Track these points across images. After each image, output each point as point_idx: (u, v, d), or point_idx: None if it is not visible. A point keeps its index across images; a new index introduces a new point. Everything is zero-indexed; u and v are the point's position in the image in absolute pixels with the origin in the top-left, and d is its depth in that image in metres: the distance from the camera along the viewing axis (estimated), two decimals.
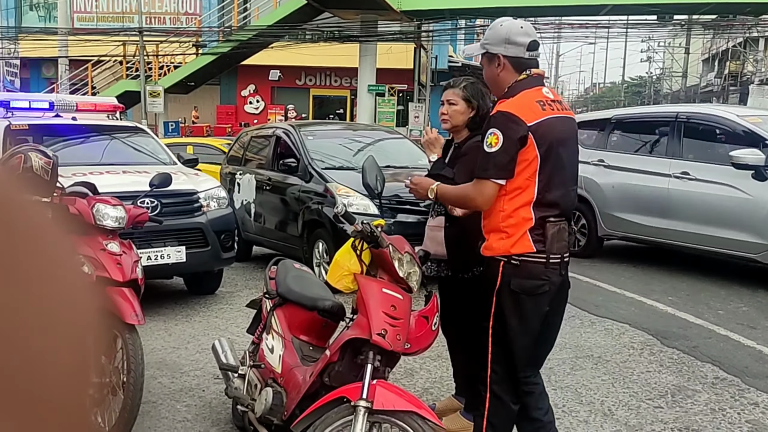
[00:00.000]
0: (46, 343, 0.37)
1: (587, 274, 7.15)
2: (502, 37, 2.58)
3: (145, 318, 3.25)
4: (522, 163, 2.46)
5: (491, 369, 2.61)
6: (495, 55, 2.59)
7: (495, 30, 2.62)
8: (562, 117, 2.58)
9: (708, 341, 5.01)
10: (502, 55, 2.57)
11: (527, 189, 2.48)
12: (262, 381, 3.06)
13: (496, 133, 2.45)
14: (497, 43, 2.59)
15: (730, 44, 39.84)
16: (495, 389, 2.62)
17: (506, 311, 2.54)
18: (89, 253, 3.22)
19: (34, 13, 25.38)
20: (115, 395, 3.16)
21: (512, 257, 2.49)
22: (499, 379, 2.62)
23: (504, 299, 2.53)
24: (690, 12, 18.85)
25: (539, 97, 2.55)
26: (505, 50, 2.57)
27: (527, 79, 2.57)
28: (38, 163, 3.18)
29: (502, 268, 2.51)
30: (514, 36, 2.56)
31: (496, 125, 2.46)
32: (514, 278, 2.50)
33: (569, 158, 2.59)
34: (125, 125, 7.18)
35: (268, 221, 7.13)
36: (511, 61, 2.57)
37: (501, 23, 2.63)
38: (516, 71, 2.58)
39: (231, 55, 18.70)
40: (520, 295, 2.51)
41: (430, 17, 18.04)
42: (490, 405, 2.64)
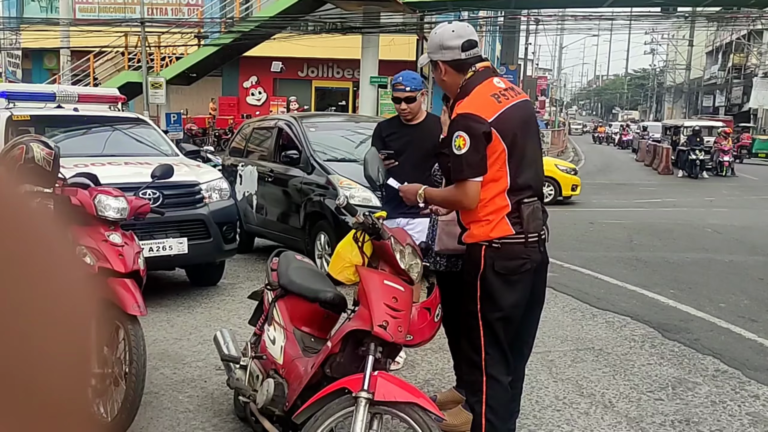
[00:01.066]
0: (46, 334, 0.37)
1: (588, 266, 7.15)
2: (437, 44, 2.73)
3: (147, 309, 3.26)
4: (491, 156, 2.57)
5: (485, 352, 2.65)
6: (437, 62, 2.73)
7: (431, 38, 2.79)
8: (518, 103, 2.67)
9: (709, 334, 5.01)
10: (441, 60, 2.72)
11: (501, 179, 2.59)
12: (264, 372, 3.07)
13: (462, 135, 2.55)
14: (435, 50, 2.75)
15: (734, 37, 39.65)
16: (491, 372, 2.67)
17: (493, 292, 2.61)
18: (91, 244, 3.23)
19: (35, 3, 25.32)
20: (118, 386, 3.17)
21: (493, 241, 2.59)
22: (495, 362, 2.67)
23: (490, 282, 2.60)
24: (694, 4, 18.76)
25: (493, 90, 2.64)
26: (442, 56, 2.71)
27: (475, 76, 2.66)
28: (40, 154, 3.18)
29: (484, 252, 2.59)
30: (447, 41, 2.69)
31: (460, 128, 2.56)
32: (497, 260, 2.59)
33: (531, 140, 2.71)
34: (127, 116, 7.17)
35: (270, 213, 7.13)
36: (451, 65, 2.70)
37: (436, 31, 2.77)
38: (459, 72, 2.69)
39: (233, 46, 18.64)
40: (506, 275, 2.61)
41: (433, 8, 17.96)
42: (488, 388, 2.67)
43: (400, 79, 4.05)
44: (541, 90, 44.05)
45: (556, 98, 65.33)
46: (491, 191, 2.58)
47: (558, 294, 6.04)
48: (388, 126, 4.29)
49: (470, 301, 2.65)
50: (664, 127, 28.71)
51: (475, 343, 2.66)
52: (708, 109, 46.17)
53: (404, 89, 4.02)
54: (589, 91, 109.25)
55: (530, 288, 2.70)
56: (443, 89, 2.88)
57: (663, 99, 62.98)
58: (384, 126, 4.33)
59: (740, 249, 8.45)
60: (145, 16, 18.74)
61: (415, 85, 4.04)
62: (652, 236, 9.29)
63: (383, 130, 4.24)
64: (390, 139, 4.14)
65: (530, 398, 3.79)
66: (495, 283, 2.60)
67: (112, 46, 19.57)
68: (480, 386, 2.67)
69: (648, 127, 34.34)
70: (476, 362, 2.67)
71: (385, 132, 4.22)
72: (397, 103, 4.08)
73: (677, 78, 54.64)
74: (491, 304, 2.62)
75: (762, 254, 8.12)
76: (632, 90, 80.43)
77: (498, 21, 22.89)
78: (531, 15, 23.27)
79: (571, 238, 8.89)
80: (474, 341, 2.67)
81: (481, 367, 2.65)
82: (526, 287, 2.68)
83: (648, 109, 70.05)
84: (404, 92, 4.03)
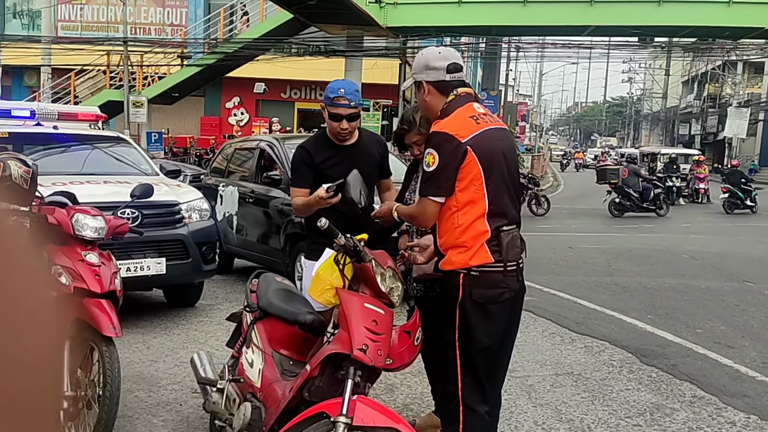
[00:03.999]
0: (16, 355, 0.36)
1: (568, 291, 7.19)
2: (423, 65, 2.72)
3: (123, 330, 3.20)
4: (466, 178, 2.55)
5: (461, 382, 2.62)
6: (420, 83, 2.74)
7: (417, 59, 2.78)
8: (496, 128, 2.69)
9: (686, 360, 5.05)
10: (425, 81, 2.72)
11: (478, 202, 2.57)
12: (241, 395, 3.03)
13: (432, 153, 2.55)
14: (420, 71, 2.74)
15: (710, 67, 40.58)
16: (467, 402, 2.63)
17: (471, 322, 2.58)
18: (67, 263, 3.18)
19: (17, 20, 25.20)
20: (90, 409, 3.11)
21: (471, 269, 2.56)
22: (471, 391, 2.63)
23: (467, 311, 2.57)
24: (670, 35, 19.22)
25: (472, 113, 2.65)
26: (426, 76, 2.71)
27: (456, 99, 2.68)
28: (17, 171, 3.14)
29: (462, 279, 2.56)
30: (433, 62, 2.70)
31: (432, 145, 2.58)
32: (475, 288, 2.56)
33: (510, 168, 2.70)
34: (107, 135, 7.12)
35: (251, 234, 7.09)
36: (435, 86, 2.70)
37: (422, 53, 2.80)
38: (442, 94, 2.71)
39: (216, 66, 18.68)
40: (484, 304, 2.58)
41: (416, 34, 18.19)
42: (464, 417, 2.63)
43: (341, 91, 3.20)
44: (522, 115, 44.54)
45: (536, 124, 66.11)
46: (470, 216, 2.56)
47: (537, 318, 6.06)
48: (318, 149, 3.36)
49: (448, 330, 2.62)
50: (642, 154, 29.17)
51: (451, 373, 2.63)
52: (684, 137, 47.03)
53: (348, 104, 3.21)
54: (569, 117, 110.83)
55: (508, 317, 2.68)
56: (424, 110, 2.89)
57: (640, 126, 64.08)
58: (313, 150, 3.36)
59: (716, 275, 8.56)
60: (128, 36, 18.73)
61: (359, 99, 3.29)
62: (630, 261, 9.38)
63: (314, 156, 3.33)
64: (326, 165, 3.30)
65: (509, 423, 3.78)
66: (473, 313, 2.57)
67: (94, 65, 19.51)
68: (456, 416, 2.63)
69: (626, 154, 34.86)
70: (452, 393, 2.65)
71: (318, 157, 3.32)
72: (337, 121, 3.23)
73: (654, 106, 55.69)
74: (469, 333, 2.59)
75: (737, 281, 8.23)
76: (610, 117, 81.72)
77: (479, 47, 23.22)
78: (512, 42, 23.65)
79: (550, 263, 8.95)
80: (450, 371, 2.64)
81: (458, 397, 2.62)
82: (504, 316, 2.66)
83: (626, 136, 71.18)
84: (348, 108, 3.21)
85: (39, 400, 0.37)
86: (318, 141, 3.44)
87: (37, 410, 0.37)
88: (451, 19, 16.93)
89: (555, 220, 15.00)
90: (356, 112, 3.27)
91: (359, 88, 3.40)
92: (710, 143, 42.09)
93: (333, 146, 3.35)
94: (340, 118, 3.24)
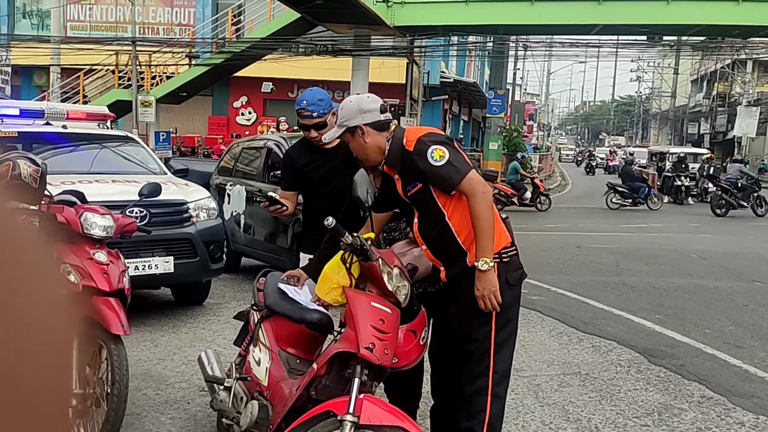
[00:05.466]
0: (26, 352, 0.36)
1: (576, 290, 7.17)
2: (356, 110, 2.79)
3: (131, 328, 3.22)
4: None
5: (494, 371, 2.68)
6: (355, 128, 2.78)
7: (346, 107, 2.82)
8: None
9: (695, 360, 5.02)
10: (362, 124, 2.77)
11: None
12: (248, 394, 3.03)
13: (437, 147, 2.64)
14: (353, 115, 2.78)
15: (719, 66, 40.34)
16: (496, 391, 2.70)
17: (508, 306, 2.68)
18: (76, 262, 3.20)
19: (27, 20, 25.33)
20: (99, 407, 3.12)
21: (502, 255, 2.66)
22: (500, 379, 2.71)
23: (504, 297, 2.64)
24: (679, 33, 19.10)
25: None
26: (362, 119, 2.77)
27: (398, 128, 2.81)
28: (27, 170, 3.16)
29: (497, 268, 2.63)
30: (366, 104, 2.80)
31: (432, 144, 2.64)
32: (508, 274, 2.67)
33: None
34: (116, 134, 7.15)
35: (258, 233, 7.11)
36: (372, 125, 2.78)
37: (350, 100, 2.87)
38: (381, 131, 2.79)
39: (224, 66, 18.72)
40: (515, 286, 2.72)
41: (423, 33, 18.15)
42: (492, 408, 2.69)
43: (303, 103, 3.36)
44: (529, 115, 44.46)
45: (544, 123, 65.94)
46: None
47: (545, 318, 6.04)
48: (301, 154, 3.55)
49: (479, 328, 2.67)
50: (650, 154, 29.05)
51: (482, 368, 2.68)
52: (693, 136, 46.78)
53: (310, 115, 3.35)
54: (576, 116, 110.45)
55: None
56: (362, 155, 2.85)
57: (649, 125, 63.78)
58: (295, 155, 3.57)
59: (725, 275, 8.51)
60: (137, 35, 18.79)
61: (324, 107, 3.37)
62: (638, 261, 9.34)
63: (297, 160, 3.53)
64: (309, 168, 3.48)
65: (516, 423, 3.77)
66: (508, 297, 2.67)
67: (103, 64, 19.59)
68: (482, 406, 2.68)
69: (634, 153, 34.73)
70: (481, 386, 2.68)
71: (299, 161, 3.51)
72: (305, 130, 3.42)
73: (663, 105, 55.40)
74: (506, 319, 2.70)
75: (746, 280, 8.18)
76: (618, 116, 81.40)
77: (487, 46, 23.17)
78: (519, 41, 23.58)
79: (558, 262, 8.92)
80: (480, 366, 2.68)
81: (488, 388, 2.68)
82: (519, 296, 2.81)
83: (634, 135, 70.86)
84: (311, 119, 3.36)
85: (49, 398, 0.37)
86: (301, 145, 3.60)
87: (47, 407, 0.37)
88: (458, 17, 16.88)
89: (563, 219, 14.96)
90: (320, 121, 3.36)
91: (324, 96, 3.47)
92: (719, 142, 41.84)
93: (315, 150, 3.48)
94: (308, 128, 3.40)
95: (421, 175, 2.66)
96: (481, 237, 2.57)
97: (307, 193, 3.55)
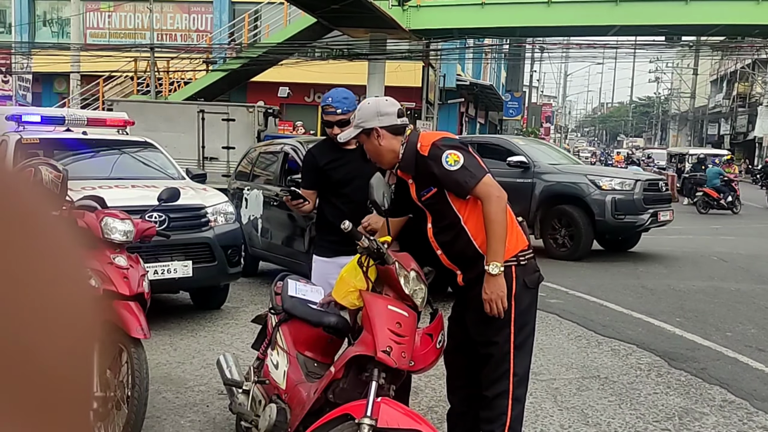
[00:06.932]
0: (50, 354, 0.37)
1: (594, 293, 7.11)
2: (374, 112, 2.80)
3: (151, 332, 3.25)
4: None
5: (513, 374, 2.68)
6: (372, 129, 2.79)
7: (364, 109, 2.84)
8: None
9: (716, 363, 4.96)
10: (378, 127, 2.78)
11: None
12: (267, 397, 3.05)
13: (452, 152, 2.64)
14: (371, 118, 2.80)
15: (739, 66, 39.85)
16: (517, 393, 2.70)
17: (526, 309, 2.69)
18: (96, 266, 3.24)
19: (47, 28, 25.71)
20: (119, 410, 3.16)
21: (520, 258, 2.66)
22: (520, 382, 2.71)
23: (522, 299, 2.66)
24: (698, 33, 18.91)
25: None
26: (379, 122, 2.78)
27: (413, 132, 2.82)
28: (48, 176, 3.21)
29: (514, 271, 2.64)
30: (383, 108, 2.81)
31: (446, 147, 2.65)
32: (526, 276, 2.68)
33: None
34: (135, 140, 7.23)
35: (275, 237, 7.14)
36: (388, 129, 2.79)
37: (368, 102, 2.89)
38: (396, 135, 2.80)
39: (241, 71, 18.85)
40: (533, 289, 2.72)
41: (439, 36, 18.15)
42: (513, 410, 2.68)
43: (329, 100, 3.45)
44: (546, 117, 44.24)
45: (561, 125, 65.51)
46: None
47: (563, 321, 6.00)
48: (323, 153, 3.60)
49: (497, 331, 2.66)
50: (669, 155, 28.76)
51: (501, 371, 2.68)
52: (713, 137, 46.26)
53: (335, 112, 3.43)
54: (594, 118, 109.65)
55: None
56: (376, 157, 2.87)
57: (668, 126, 63.16)
58: (317, 154, 3.62)
59: (747, 277, 8.39)
60: (155, 42, 18.99)
61: (348, 105, 3.43)
62: (657, 264, 9.25)
63: (319, 159, 3.57)
64: (331, 167, 3.52)
65: (535, 427, 3.75)
66: (527, 300, 2.69)
67: (122, 71, 19.81)
68: (503, 409, 2.68)
69: (652, 155, 34.39)
70: (502, 389, 2.68)
71: (322, 161, 3.55)
72: (329, 127, 3.48)
73: (682, 106, 54.84)
74: (524, 321, 2.70)
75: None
76: (637, 117, 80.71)
77: (503, 48, 23.11)
78: (536, 43, 23.49)
79: (576, 265, 8.86)
80: (499, 369, 2.68)
81: (508, 390, 2.68)
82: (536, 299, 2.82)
83: (653, 137, 70.20)
84: (335, 115, 3.43)
85: (71, 400, 0.38)
86: (324, 145, 3.68)
87: (70, 410, 0.38)
88: (474, 20, 16.85)
89: None
90: (345, 118, 3.39)
91: (350, 95, 3.52)
92: (740, 143, 41.32)
93: (337, 149, 3.51)
94: (331, 125, 3.47)
95: (435, 180, 2.66)
96: (493, 240, 2.57)
97: (327, 193, 3.57)
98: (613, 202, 9.22)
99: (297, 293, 3.16)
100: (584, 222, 9.29)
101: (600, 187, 9.38)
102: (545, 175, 9.75)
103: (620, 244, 10.37)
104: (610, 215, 9.21)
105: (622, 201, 9.29)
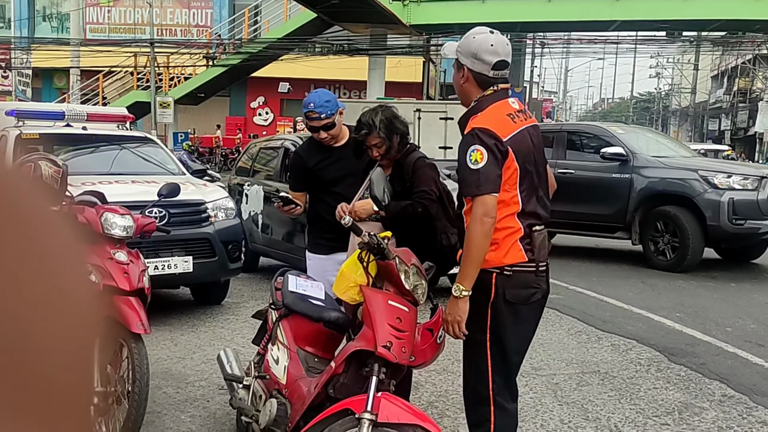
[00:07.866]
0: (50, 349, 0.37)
1: (594, 289, 7.12)
2: (471, 51, 2.56)
3: (151, 327, 3.26)
4: (504, 175, 2.47)
5: (492, 381, 2.58)
6: (462, 65, 2.59)
7: (467, 41, 2.59)
8: (530, 126, 2.60)
9: (716, 358, 4.97)
10: (468, 68, 2.57)
11: (512, 200, 2.49)
12: (267, 392, 3.06)
13: (480, 149, 2.43)
14: (466, 54, 2.58)
15: (740, 61, 39.78)
16: (498, 400, 2.60)
17: (503, 322, 2.53)
18: (97, 261, 3.24)
19: (47, 23, 25.68)
20: (120, 405, 3.16)
21: (505, 268, 2.49)
22: (501, 389, 2.61)
23: (500, 311, 2.51)
24: (699, 28, 18.89)
25: (508, 110, 2.56)
26: (471, 64, 2.56)
27: (494, 94, 2.58)
28: (48, 171, 3.21)
29: (495, 279, 2.49)
30: (482, 53, 2.54)
31: (478, 141, 2.44)
32: (509, 288, 2.50)
33: (541, 167, 2.63)
34: (135, 135, 7.23)
35: (276, 232, 7.14)
36: (476, 77, 2.57)
37: (474, 35, 2.60)
38: (480, 87, 2.58)
39: (241, 67, 18.85)
40: (516, 305, 2.52)
41: (440, 31, 18.13)
42: (496, 417, 2.61)
43: (311, 106, 3.33)
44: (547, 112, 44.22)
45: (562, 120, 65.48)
46: (502, 212, 2.47)
47: (563, 316, 6.01)
48: (311, 154, 3.51)
49: (479, 331, 2.56)
50: None
51: (481, 374, 2.59)
52: (713, 132, 46.21)
53: (319, 117, 3.34)
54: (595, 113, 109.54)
55: (539, 318, 2.66)
56: (456, 89, 2.72)
57: (668, 122, 63.10)
58: (305, 155, 3.53)
59: (747, 273, 8.40)
60: (155, 37, 18.97)
61: (331, 108, 3.35)
62: None
63: (307, 160, 3.49)
64: (320, 167, 3.45)
65: (535, 422, 3.76)
66: (505, 313, 2.51)
67: (122, 66, 19.81)
68: (486, 416, 2.60)
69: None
70: (483, 395, 2.61)
71: (311, 162, 3.47)
72: (315, 132, 3.41)
73: (682, 101, 54.78)
74: (501, 334, 2.54)
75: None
76: (638, 113, 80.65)
77: None
78: (536, 38, 23.45)
79: (577, 260, 8.86)
80: (480, 371, 2.60)
81: (489, 397, 2.59)
82: (534, 317, 2.62)
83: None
84: (320, 120, 3.34)
85: (72, 395, 0.38)
86: (310, 145, 3.56)
87: (70, 405, 0.38)
88: (474, 15, 16.83)
89: None
90: (329, 122, 3.35)
91: (330, 96, 3.45)
92: (740, 139, 41.28)
93: (324, 149, 3.47)
94: (316, 130, 3.40)
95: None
96: (464, 262, 2.43)
97: (319, 192, 3.52)
98: (730, 203, 7.68)
99: (297, 289, 3.16)
100: (693, 227, 7.86)
101: (714, 185, 7.84)
102: (646, 170, 8.33)
103: (741, 254, 8.94)
104: (727, 220, 7.69)
105: (742, 202, 7.71)
